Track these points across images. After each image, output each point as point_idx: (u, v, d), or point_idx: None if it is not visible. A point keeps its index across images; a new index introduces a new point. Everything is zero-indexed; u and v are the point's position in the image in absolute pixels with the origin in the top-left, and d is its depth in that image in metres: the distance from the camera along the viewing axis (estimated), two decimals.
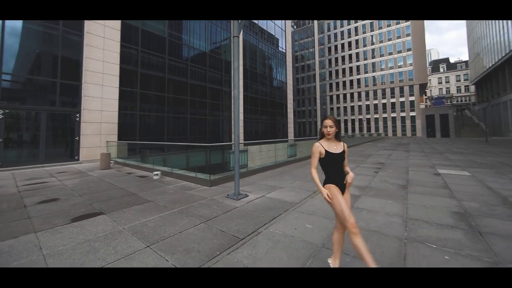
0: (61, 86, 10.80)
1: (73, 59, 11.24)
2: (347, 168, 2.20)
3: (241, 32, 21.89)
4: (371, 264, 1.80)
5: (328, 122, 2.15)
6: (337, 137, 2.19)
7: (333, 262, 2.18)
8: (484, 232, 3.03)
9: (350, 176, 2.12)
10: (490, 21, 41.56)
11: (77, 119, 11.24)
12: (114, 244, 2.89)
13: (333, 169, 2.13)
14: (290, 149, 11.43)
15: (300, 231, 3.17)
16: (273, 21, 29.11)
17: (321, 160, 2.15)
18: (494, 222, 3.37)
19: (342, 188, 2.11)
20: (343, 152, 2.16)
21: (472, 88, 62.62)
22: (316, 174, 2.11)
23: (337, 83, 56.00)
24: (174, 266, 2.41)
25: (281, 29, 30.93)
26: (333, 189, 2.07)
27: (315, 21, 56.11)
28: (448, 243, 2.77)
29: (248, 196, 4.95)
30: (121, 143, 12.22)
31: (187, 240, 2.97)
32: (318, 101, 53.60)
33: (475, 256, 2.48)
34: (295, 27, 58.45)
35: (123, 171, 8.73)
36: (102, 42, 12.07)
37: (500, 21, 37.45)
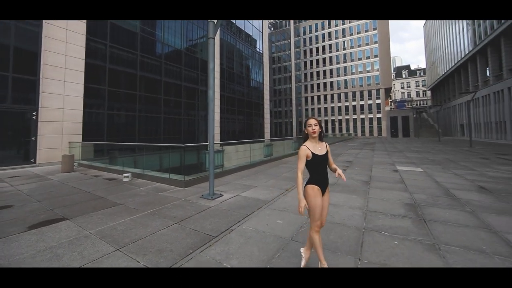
0: (14, 81, 9.73)
1: (29, 52, 10.18)
2: (334, 166, 2.30)
3: (218, 32, 21.69)
4: (322, 259, 2.12)
5: (312, 121, 2.20)
6: (320, 137, 2.24)
7: (304, 252, 2.35)
8: (427, 220, 3.51)
9: (340, 172, 2.22)
10: (443, 34, 46.58)
11: (34, 117, 10.21)
12: (80, 250, 2.78)
13: (318, 170, 2.19)
14: (266, 149, 11.70)
15: (271, 227, 3.35)
16: (251, 22, 29.35)
17: (307, 162, 2.19)
18: (436, 210, 3.90)
19: (324, 188, 2.20)
20: (327, 153, 2.23)
21: (429, 93, 69.71)
22: (301, 181, 2.13)
23: (312, 85, 58.23)
24: (145, 267, 2.41)
25: (258, 31, 31.30)
26: (316, 190, 2.16)
27: (292, 25, 57.65)
28: (398, 230, 3.16)
29: (222, 195, 5.02)
30: (86, 144, 11.38)
31: (159, 241, 2.97)
32: (293, 102, 55.17)
33: (418, 240, 2.88)
34: (272, 29, 59.47)
35: (88, 174, 8.18)
36: (64, 34, 11.11)
37: (451, 34, 42.16)
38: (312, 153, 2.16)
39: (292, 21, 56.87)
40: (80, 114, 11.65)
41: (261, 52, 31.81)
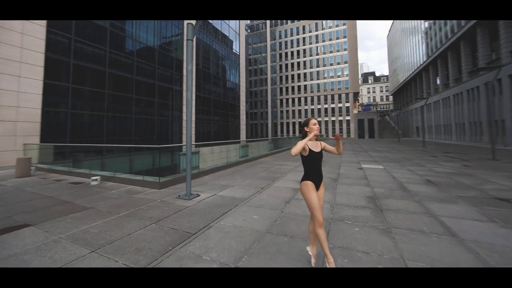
0: None
1: None
2: (340, 149, 2.45)
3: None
4: (327, 252, 2.15)
5: (314, 121, 2.33)
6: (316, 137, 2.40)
7: (311, 249, 2.41)
8: (383, 209, 4.03)
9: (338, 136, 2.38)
10: (403, 44, 51.50)
11: None
12: (50, 254, 2.68)
13: (314, 167, 2.32)
14: (242, 150, 11.89)
15: (248, 222, 3.56)
16: (228, 23, 29.35)
17: (304, 158, 2.32)
18: (391, 201, 4.48)
19: (318, 184, 2.34)
20: (322, 151, 2.39)
21: (391, 98, 76.37)
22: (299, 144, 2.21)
23: (287, 88, 59.98)
24: (125, 266, 2.45)
25: (235, 32, 31.42)
26: (310, 186, 2.27)
27: (268, 27, 58.76)
28: (359, 219, 3.60)
29: (200, 195, 5.10)
30: (45, 146, 10.42)
31: (137, 241, 2.99)
32: (269, 104, 56.23)
33: (375, 226, 3.33)
34: (249, 30, 60.04)
35: (49, 178, 7.55)
36: (20, 25, 10.07)
37: (410, 45, 46.75)
38: (310, 149, 2.30)
39: (268, 24, 58.01)
40: (38, 113, 10.64)
41: (238, 53, 31.99)
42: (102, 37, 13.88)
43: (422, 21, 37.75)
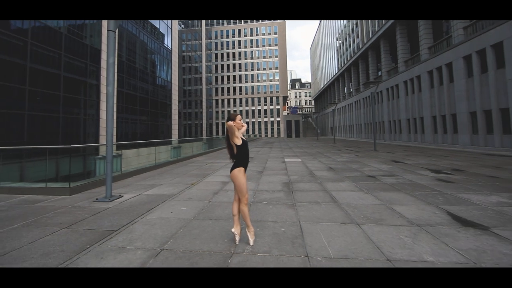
0: None
1: None
2: None
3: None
4: (249, 223, 2.65)
5: (240, 116, 2.70)
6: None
7: (236, 230, 2.67)
8: (294, 190, 4.98)
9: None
10: (322, 57, 60.42)
11: None
12: None
13: (246, 155, 2.70)
14: (174, 151, 11.50)
15: (175, 213, 3.73)
16: None
17: (238, 147, 2.62)
18: (301, 184, 5.55)
19: (246, 169, 2.74)
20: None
21: (313, 102, 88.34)
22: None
23: (223, 88, 60.33)
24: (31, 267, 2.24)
25: (166, 25, 29.28)
26: (242, 171, 2.65)
27: (203, 26, 57.37)
28: (274, 200, 4.36)
29: (122, 196, 4.83)
30: None
31: (44, 246, 2.71)
32: (204, 104, 55.15)
33: (285, 203, 4.14)
34: (182, 26, 56.83)
35: None
36: None
37: (327, 58, 55.23)
38: (242, 139, 2.69)
39: (204, 22, 56.72)
40: None
41: (170, 48, 30.01)
42: None
43: (335, 39, 45.62)
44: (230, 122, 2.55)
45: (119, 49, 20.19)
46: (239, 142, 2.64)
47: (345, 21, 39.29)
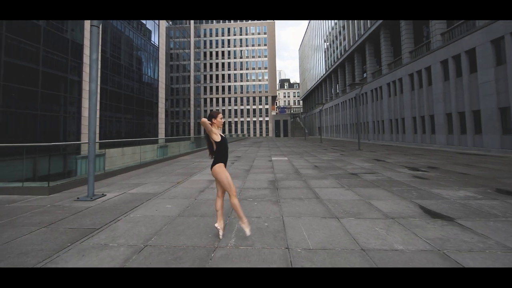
0: None
1: None
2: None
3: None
4: (242, 215, 2.67)
5: (220, 115, 2.80)
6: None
7: (219, 225, 2.76)
8: (279, 188, 5.11)
9: None
10: (310, 58, 61.31)
11: None
12: None
13: (225, 151, 2.76)
14: (160, 150, 11.31)
15: (160, 211, 3.73)
16: None
17: (218, 144, 2.69)
18: (287, 182, 5.69)
19: (225, 165, 2.81)
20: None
21: (301, 102, 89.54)
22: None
23: (211, 87, 59.78)
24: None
25: (153, 22, 28.57)
26: (223, 166, 2.73)
27: (192, 24, 56.49)
28: (259, 196, 4.46)
29: (105, 195, 4.74)
30: None
31: (21, 246, 2.64)
32: (192, 102, 54.40)
33: (270, 199, 4.25)
34: (170, 23, 55.61)
35: None
36: None
37: (315, 59, 56.09)
38: (221, 135, 2.76)
39: (192, 20, 55.84)
40: None
41: (157, 45, 29.34)
42: None
43: (323, 41, 46.51)
44: (204, 119, 2.61)
45: (103, 45, 19.52)
46: (218, 138, 2.71)
47: (333, 23, 40.21)
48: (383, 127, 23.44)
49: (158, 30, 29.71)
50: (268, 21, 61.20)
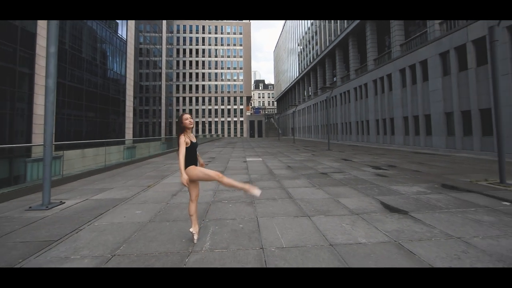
0: None
1: None
2: (199, 158, 2.88)
3: None
4: (242, 185, 2.67)
5: (188, 116, 2.70)
6: (191, 130, 2.78)
7: (194, 229, 2.69)
8: None
9: (201, 162, 2.89)
10: (285, 60, 62.73)
11: None
12: None
13: (193, 155, 2.69)
14: (128, 152, 10.62)
15: (129, 217, 3.53)
16: None
17: (186, 149, 2.57)
18: (261, 182, 5.79)
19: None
20: (197, 142, 2.83)
21: (275, 103, 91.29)
22: (183, 160, 2.50)
23: (184, 86, 57.77)
24: None
25: None
26: (193, 167, 2.66)
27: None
28: (233, 198, 4.48)
29: (64, 203, 4.32)
30: None
31: None
32: (163, 101, 51.98)
33: (244, 201, 4.29)
34: None
35: None
36: None
37: (289, 62, 57.51)
38: (190, 141, 2.68)
39: (164, 20, 53.32)
40: None
41: (125, 39, 27.40)
42: None
43: (297, 44, 48.01)
44: (181, 139, 2.57)
45: (61, 35, 17.64)
46: (188, 145, 2.64)
47: (306, 28, 41.81)
48: (351, 129, 25.09)
49: (126, 23, 27.81)
50: (244, 21, 61.25)
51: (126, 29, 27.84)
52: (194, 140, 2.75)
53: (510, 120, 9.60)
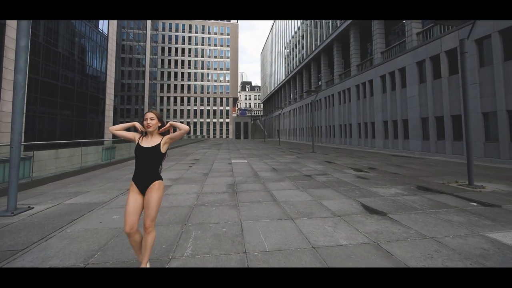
0: None
1: None
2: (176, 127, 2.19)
3: None
4: (143, 256, 2.05)
5: (150, 114, 2.05)
6: (163, 133, 2.13)
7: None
8: (238, 191, 5.14)
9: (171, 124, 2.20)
10: (271, 63, 63.26)
11: None
12: None
13: (139, 164, 2.05)
14: (107, 152, 10.11)
15: (105, 223, 3.35)
16: None
17: (135, 153, 2.09)
18: (246, 185, 5.76)
19: (144, 187, 2.02)
20: (155, 147, 2.03)
21: (262, 105, 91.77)
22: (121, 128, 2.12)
23: (169, 85, 56.35)
24: None
25: None
26: (131, 187, 2.04)
27: None
28: (217, 201, 4.41)
29: (33, 208, 4.01)
30: None
31: None
32: (146, 100, 50.33)
33: (228, 204, 4.24)
34: None
35: None
36: None
37: (276, 65, 58.07)
38: (138, 143, 2.05)
39: (149, 20, 51.58)
40: None
41: (105, 34, 26.21)
42: None
43: (284, 48, 48.63)
44: (130, 134, 2.17)
45: (34, 27, 16.52)
46: (135, 144, 2.12)
47: (293, 32, 42.53)
48: (334, 132, 25.81)
49: None
50: (231, 22, 61.08)
51: (107, 23, 26.69)
52: (149, 144, 2.05)
53: (477, 126, 10.38)
